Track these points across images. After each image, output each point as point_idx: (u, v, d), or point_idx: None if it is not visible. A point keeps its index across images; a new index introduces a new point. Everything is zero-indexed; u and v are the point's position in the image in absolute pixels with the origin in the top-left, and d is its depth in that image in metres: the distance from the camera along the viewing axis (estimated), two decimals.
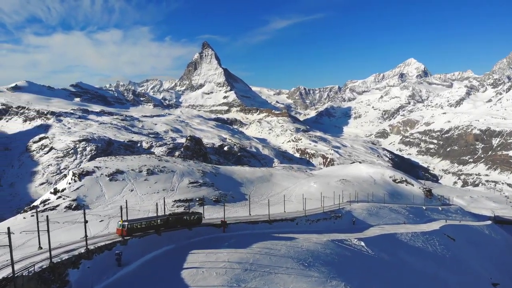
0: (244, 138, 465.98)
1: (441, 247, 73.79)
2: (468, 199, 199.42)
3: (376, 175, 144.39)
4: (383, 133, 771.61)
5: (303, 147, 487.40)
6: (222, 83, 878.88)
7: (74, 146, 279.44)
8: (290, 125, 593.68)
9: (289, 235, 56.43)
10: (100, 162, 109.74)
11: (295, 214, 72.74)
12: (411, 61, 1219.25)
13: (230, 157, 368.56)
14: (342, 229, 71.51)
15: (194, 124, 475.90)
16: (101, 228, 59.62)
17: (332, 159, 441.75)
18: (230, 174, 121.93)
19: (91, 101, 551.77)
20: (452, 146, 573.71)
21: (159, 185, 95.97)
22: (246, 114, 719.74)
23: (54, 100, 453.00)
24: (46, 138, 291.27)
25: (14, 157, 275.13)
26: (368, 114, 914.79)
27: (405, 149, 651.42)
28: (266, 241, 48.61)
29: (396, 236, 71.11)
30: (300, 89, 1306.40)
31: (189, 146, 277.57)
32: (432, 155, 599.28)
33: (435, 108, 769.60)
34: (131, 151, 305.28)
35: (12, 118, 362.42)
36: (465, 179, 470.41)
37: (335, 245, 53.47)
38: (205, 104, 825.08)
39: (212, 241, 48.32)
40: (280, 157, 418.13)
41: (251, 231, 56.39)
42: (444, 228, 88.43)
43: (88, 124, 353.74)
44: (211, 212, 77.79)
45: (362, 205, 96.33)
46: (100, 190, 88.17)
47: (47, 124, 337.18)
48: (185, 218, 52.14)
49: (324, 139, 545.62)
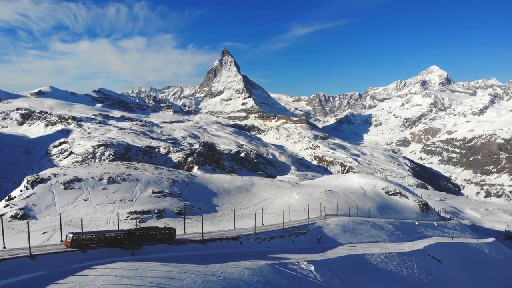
0: (261, 144, 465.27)
1: (419, 270, 64.27)
2: (483, 211, 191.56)
3: (368, 186, 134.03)
4: (404, 141, 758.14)
5: (321, 154, 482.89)
6: (241, 89, 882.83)
7: (93, 151, 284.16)
8: (308, 132, 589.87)
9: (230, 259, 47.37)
10: (61, 169, 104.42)
11: (244, 232, 63.68)
12: (434, 68, 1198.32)
13: (246, 163, 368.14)
14: (300, 249, 62.69)
15: (212, 130, 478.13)
16: (43, 240, 55.86)
17: (351, 167, 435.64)
18: (205, 183, 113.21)
19: (112, 107, 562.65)
20: (475, 156, 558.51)
21: (118, 195, 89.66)
22: (264, 120, 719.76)
23: (76, 105, 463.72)
24: (66, 142, 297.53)
25: (35, 161, 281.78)
26: (389, 122, 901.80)
27: (427, 158, 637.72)
28: (174, 267, 39.40)
29: (364, 258, 61.40)
30: (320, 96, 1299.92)
31: (202, 152, 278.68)
32: (454, 164, 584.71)
33: (458, 116, 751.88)
34: (149, 157, 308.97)
35: (35, 123, 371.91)
36: (488, 189, 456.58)
37: (271, 271, 44.77)
38: (224, 111, 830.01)
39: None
40: (297, 164, 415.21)
41: (171, 254, 47.22)
42: (430, 247, 77.61)
43: (108, 129, 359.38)
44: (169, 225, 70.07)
45: (339, 220, 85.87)
46: (51, 199, 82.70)
47: (68, 129, 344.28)
48: (153, 233, 48.15)
49: (343, 146, 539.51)
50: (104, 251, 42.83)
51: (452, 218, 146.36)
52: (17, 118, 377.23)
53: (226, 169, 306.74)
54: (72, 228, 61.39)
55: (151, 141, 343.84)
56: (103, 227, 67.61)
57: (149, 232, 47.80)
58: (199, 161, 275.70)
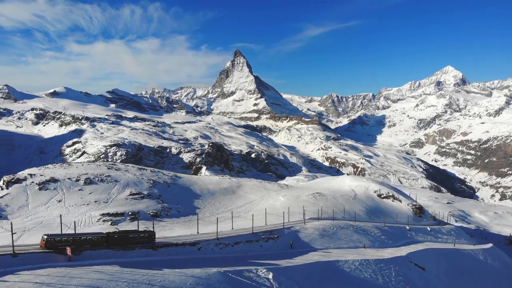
0: (273, 145, 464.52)
1: (397, 278, 59.15)
2: (491, 215, 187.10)
3: (359, 188, 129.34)
4: (418, 143, 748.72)
5: (332, 155, 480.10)
6: (252, 90, 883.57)
7: (105, 151, 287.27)
8: (320, 133, 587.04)
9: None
10: (40, 169, 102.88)
11: (206, 236, 59.06)
12: (449, 69, 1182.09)
13: (257, 164, 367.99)
14: (267, 255, 58.24)
15: (223, 131, 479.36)
16: (10, 241, 56.56)
17: (363, 169, 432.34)
18: (189, 185, 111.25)
19: (126, 107, 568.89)
20: (490, 158, 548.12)
21: (93, 196, 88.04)
22: (276, 121, 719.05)
23: (90, 106, 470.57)
24: (79, 142, 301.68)
25: (48, 161, 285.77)
26: (403, 123, 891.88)
27: (441, 159, 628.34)
28: (107, 275, 36.02)
29: (336, 265, 56.89)
30: (333, 97, 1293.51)
31: (210, 153, 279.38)
32: (469, 166, 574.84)
33: (473, 117, 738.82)
34: (161, 157, 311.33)
35: (49, 123, 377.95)
36: (503, 192, 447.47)
37: (221, 279, 40.75)
38: (235, 111, 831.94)
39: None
40: (308, 166, 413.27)
41: (114, 260, 43.20)
42: (414, 254, 72.09)
43: (121, 129, 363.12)
44: (141, 228, 65.51)
45: (320, 224, 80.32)
46: (25, 200, 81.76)
47: (81, 129, 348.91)
48: (132, 236, 47.00)
49: (355, 148, 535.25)
50: (39, 256, 40.11)
51: (448, 222, 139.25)
52: (31, 118, 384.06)
53: (235, 170, 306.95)
54: (46, 230, 60.52)
55: (163, 142, 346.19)
56: (74, 229, 67.61)
57: (128, 236, 46.68)
58: (207, 161, 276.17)
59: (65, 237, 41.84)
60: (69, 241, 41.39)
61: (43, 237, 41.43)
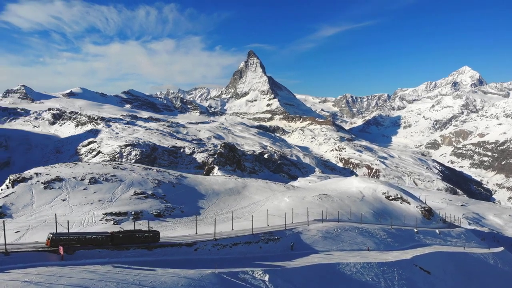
0: (286, 146, 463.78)
1: (400, 282, 57.39)
2: (506, 218, 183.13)
3: (367, 190, 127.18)
4: (433, 144, 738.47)
5: (346, 156, 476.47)
6: (266, 91, 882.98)
7: (120, 151, 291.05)
8: (333, 133, 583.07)
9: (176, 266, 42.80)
10: (46, 168, 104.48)
11: (204, 237, 58.00)
12: (465, 69, 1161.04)
13: (269, 164, 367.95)
14: (266, 256, 56.90)
15: (236, 131, 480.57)
16: (13, 239, 55.93)
17: (378, 170, 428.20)
18: (194, 185, 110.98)
19: (141, 108, 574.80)
20: (508, 159, 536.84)
21: (97, 196, 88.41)
22: (289, 122, 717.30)
23: (106, 106, 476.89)
24: (95, 142, 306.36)
25: (64, 160, 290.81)
26: (418, 124, 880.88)
27: (457, 161, 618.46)
28: (97, 275, 35.41)
29: (337, 268, 55.34)
30: (347, 97, 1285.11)
31: (222, 153, 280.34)
32: (485, 168, 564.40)
33: (490, 118, 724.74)
34: (174, 157, 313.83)
35: (65, 123, 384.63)
36: None
37: (215, 281, 39.87)
38: (249, 112, 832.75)
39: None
40: (321, 166, 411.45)
41: (108, 260, 42.33)
42: (420, 257, 69.75)
43: (135, 129, 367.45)
44: (142, 228, 65.93)
45: (324, 225, 78.69)
46: (30, 199, 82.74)
47: (97, 129, 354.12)
48: (137, 235, 47.21)
49: (370, 148, 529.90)
50: (32, 254, 39.70)
51: (459, 225, 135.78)
52: (48, 118, 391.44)
53: (247, 170, 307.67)
54: (49, 228, 60.63)
55: (176, 142, 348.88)
56: (77, 228, 66.92)
57: (132, 235, 46.84)
58: (219, 161, 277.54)
59: (70, 236, 42.30)
60: (74, 240, 41.88)
61: (49, 235, 41.95)
